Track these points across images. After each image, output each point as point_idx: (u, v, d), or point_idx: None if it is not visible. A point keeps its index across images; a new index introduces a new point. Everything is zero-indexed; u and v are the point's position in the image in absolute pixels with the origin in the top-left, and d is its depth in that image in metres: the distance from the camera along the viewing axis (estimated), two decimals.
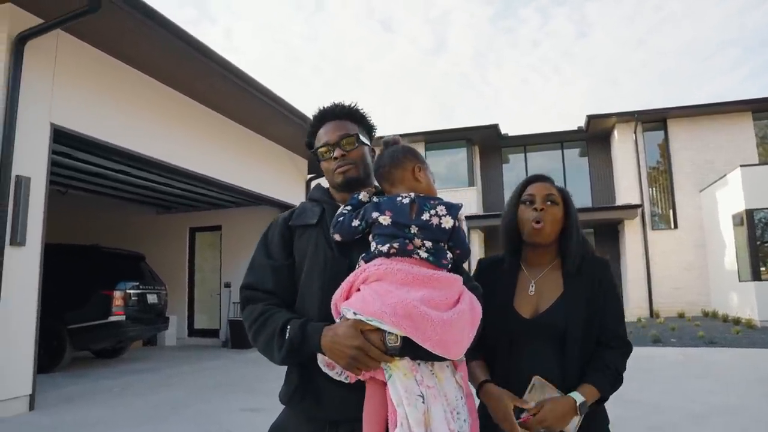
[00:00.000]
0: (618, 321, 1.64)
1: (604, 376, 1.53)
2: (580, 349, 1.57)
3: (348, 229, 1.43)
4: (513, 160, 19.65)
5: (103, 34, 6.07)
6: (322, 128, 1.60)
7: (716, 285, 15.16)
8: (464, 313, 1.31)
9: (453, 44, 61.05)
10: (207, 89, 7.77)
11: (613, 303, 1.64)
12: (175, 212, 12.55)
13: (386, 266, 1.31)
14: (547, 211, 1.64)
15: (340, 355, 1.26)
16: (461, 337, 1.29)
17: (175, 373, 7.87)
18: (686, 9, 50.66)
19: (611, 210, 16.48)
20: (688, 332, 11.44)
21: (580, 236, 1.68)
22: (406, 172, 1.48)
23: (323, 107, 1.63)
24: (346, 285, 1.34)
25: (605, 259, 1.70)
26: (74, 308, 7.90)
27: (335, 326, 1.30)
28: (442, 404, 1.27)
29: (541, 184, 1.71)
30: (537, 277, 1.69)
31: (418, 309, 1.23)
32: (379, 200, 1.44)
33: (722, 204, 14.42)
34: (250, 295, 1.51)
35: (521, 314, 1.64)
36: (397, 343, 1.23)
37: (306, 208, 1.59)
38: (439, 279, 1.33)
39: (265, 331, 1.41)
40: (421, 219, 1.37)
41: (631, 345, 1.63)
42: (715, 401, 5.44)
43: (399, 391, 1.23)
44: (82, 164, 7.84)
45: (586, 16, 51.72)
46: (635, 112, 16.43)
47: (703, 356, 8.53)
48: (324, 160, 1.59)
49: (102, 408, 5.63)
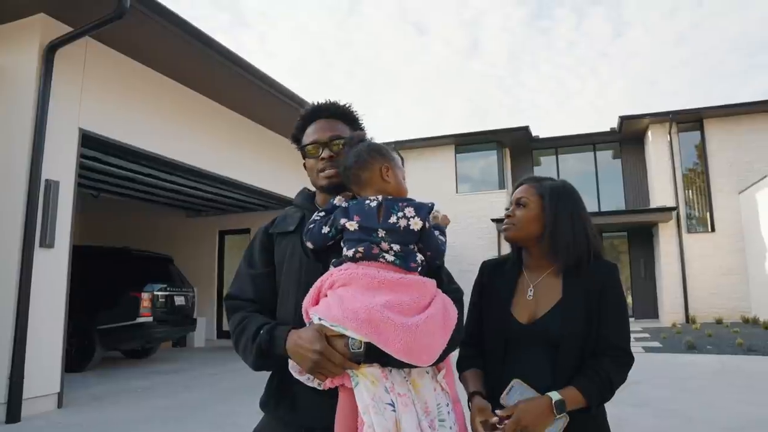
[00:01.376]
0: (617, 331, 1.54)
1: (591, 382, 1.44)
2: (575, 358, 1.49)
3: (318, 236, 1.42)
4: (544, 162, 19.32)
5: (129, 40, 6.20)
6: (313, 124, 1.57)
7: (757, 290, 14.58)
8: (434, 317, 1.26)
9: (487, 46, 60.63)
10: (234, 94, 7.88)
11: (614, 311, 1.54)
12: (204, 215, 12.75)
13: (351, 271, 1.30)
14: (514, 216, 1.65)
15: (303, 359, 1.25)
16: (430, 342, 1.24)
17: (200, 374, 7.97)
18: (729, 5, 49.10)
19: (645, 213, 16.05)
20: (725, 339, 11.01)
21: (572, 233, 1.58)
22: (373, 173, 1.42)
23: (318, 103, 1.59)
24: (314, 290, 1.33)
25: (612, 264, 1.61)
26: (103, 309, 8.09)
27: (300, 330, 1.30)
28: (416, 413, 1.22)
29: (520, 188, 1.70)
30: (536, 281, 1.63)
31: (381, 314, 1.19)
32: (348, 205, 1.41)
33: (763, 206, 13.87)
34: (233, 305, 1.52)
35: (518, 319, 1.58)
36: (360, 349, 1.21)
37: (287, 215, 1.60)
38: (407, 283, 1.29)
39: (243, 337, 1.42)
40: (388, 222, 1.34)
41: (632, 356, 1.54)
42: (753, 413, 5.20)
43: (365, 398, 1.20)
44: (113, 168, 8.02)
45: (623, 15, 50.62)
46: (670, 112, 15.96)
47: (741, 365, 8.19)
48: (310, 158, 1.56)
49: (126, 408, 5.72)
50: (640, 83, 55.64)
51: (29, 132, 5.31)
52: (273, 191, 9.46)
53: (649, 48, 52.49)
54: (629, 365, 1.53)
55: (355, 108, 1.61)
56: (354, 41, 74.61)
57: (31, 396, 5.17)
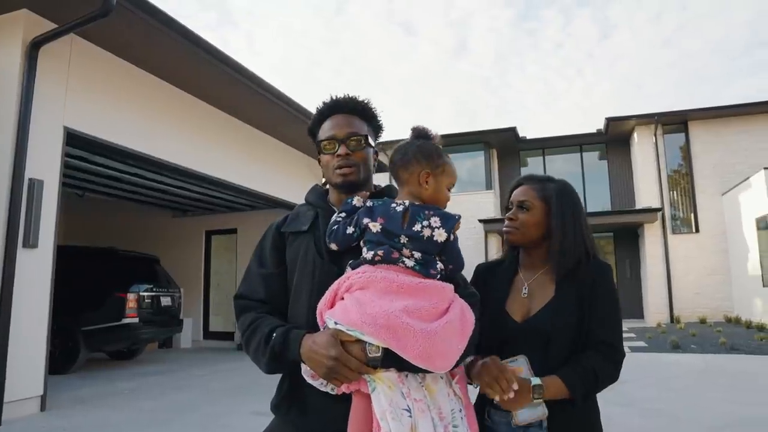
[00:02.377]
0: (607, 327, 1.53)
1: (575, 373, 1.43)
2: (566, 355, 1.49)
3: (343, 237, 1.38)
4: (531, 163, 19.47)
5: (115, 38, 6.12)
6: (330, 119, 1.53)
7: (739, 290, 14.80)
8: (452, 323, 1.24)
9: (474, 46, 60.94)
10: (222, 93, 7.81)
11: (604, 308, 1.53)
12: (190, 215, 12.65)
13: (369, 274, 1.27)
14: (517, 219, 1.63)
15: (318, 364, 1.22)
16: (448, 348, 1.23)
17: (188, 375, 7.90)
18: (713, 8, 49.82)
19: (631, 213, 16.23)
20: (709, 338, 11.16)
21: (574, 238, 1.58)
22: (411, 175, 1.40)
23: (336, 97, 1.54)
24: (330, 293, 1.30)
25: (605, 264, 1.61)
26: (88, 310, 7.98)
27: (315, 335, 1.27)
28: (431, 418, 1.21)
29: (521, 188, 1.68)
30: (531, 279, 1.64)
31: (400, 320, 1.17)
32: (372, 205, 1.38)
33: (745, 207, 14.08)
34: (243, 305, 1.49)
35: (513, 318, 1.59)
36: (378, 354, 1.18)
37: (300, 213, 1.55)
38: (426, 288, 1.27)
39: (255, 339, 1.39)
40: (412, 229, 1.31)
41: (623, 353, 1.53)
42: (737, 412, 5.26)
43: (383, 404, 1.18)
44: (99, 167, 7.92)
45: (610, 17, 51.15)
46: (655, 114, 16.15)
47: (725, 364, 8.29)
48: (324, 154, 1.52)
49: (112, 410, 5.65)
50: (626, 85, 56.27)
51: (12, 130, 5.23)
52: (260, 191, 9.41)
53: (635, 50, 53.12)
54: (618, 362, 1.51)
55: (373, 104, 1.57)
56: (341, 40, 74.61)
57: (13, 399, 5.08)
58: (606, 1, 49.75)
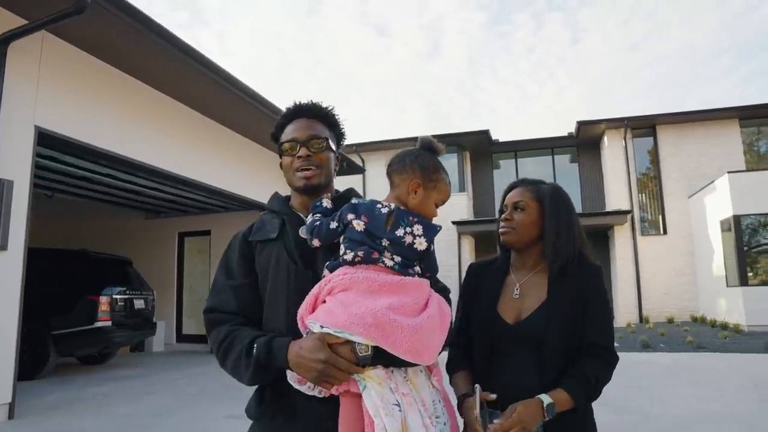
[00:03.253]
0: (601, 330, 1.57)
1: (578, 384, 1.47)
2: (560, 359, 1.51)
3: (327, 232, 1.39)
4: (504, 165, 19.72)
5: (90, 36, 6.00)
6: (292, 123, 1.55)
7: (704, 290, 15.25)
8: (433, 317, 1.29)
9: (447, 49, 61.38)
10: (197, 93, 7.72)
11: (597, 311, 1.57)
12: (164, 217, 12.46)
13: (351, 275, 1.29)
14: (513, 220, 1.65)
15: (308, 369, 1.23)
16: (432, 341, 1.28)
17: (161, 379, 7.78)
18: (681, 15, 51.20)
19: (601, 216, 16.55)
20: (677, 337, 11.48)
21: (567, 238, 1.61)
22: (403, 181, 1.42)
23: (299, 102, 1.57)
24: (311, 298, 1.31)
25: (596, 266, 1.65)
26: (59, 314, 7.79)
27: (301, 341, 1.27)
28: (419, 410, 1.25)
29: (516, 190, 1.70)
30: (523, 279, 1.65)
31: (387, 317, 1.20)
32: (357, 203, 1.40)
33: (710, 210, 14.52)
34: (215, 318, 1.46)
35: (505, 319, 1.60)
36: (368, 353, 1.21)
37: (265, 221, 1.54)
38: (406, 284, 1.31)
39: (233, 352, 1.36)
40: (395, 233, 1.34)
41: (617, 356, 1.58)
42: (704, 407, 5.44)
43: (375, 400, 1.20)
44: (70, 168, 7.75)
45: (581, 22, 52.05)
46: (625, 118, 16.53)
47: (692, 362, 8.55)
48: (286, 156, 1.53)
49: (85, 416, 5.53)
50: (596, 88, 57.40)
51: None
52: (235, 192, 9.33)
53: (605, 54, 54.22)
54: (613, 365, 1.57)
55: (337, 112, 1.59)
56: (314, 42, 74.38)
57: None
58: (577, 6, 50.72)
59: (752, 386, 6.47)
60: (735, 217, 13.11)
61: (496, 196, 19.12)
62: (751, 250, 13.30)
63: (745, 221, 13.21)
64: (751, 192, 13.18)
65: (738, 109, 15.97)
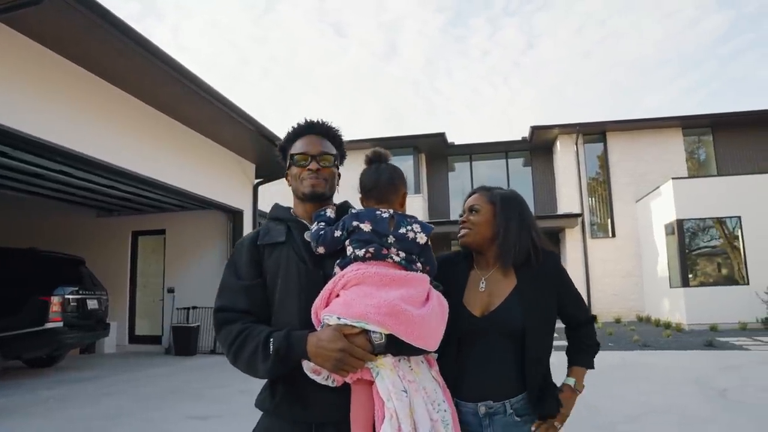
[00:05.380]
0: (580, 306, 1.82)
1: (587, 354, 1.81)
2: (539, 343, 1.65)
3: (331, 240, 1.50)
4: (459, 168, 20.06)
5: (44, 28, 5.83)
6: (303, 138, 1.66)
7: (650, 291, 15.95)
8: (435, 308, 1.43)
9: (405, 50, 61.64)
10: (154, 90, 7.60)
11: (570, 291, 1.79)
12: (117, 215, 12.12)
13: (363, 270, 1.40)
14: (468, 222, 1.79)
15: (326, 358, 1.32)
16: (436, 329, 1.42)
17: (117, 381, 7.59)
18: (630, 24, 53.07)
19: (553, 218, 17.06)
20: (624, 336, 11.98)
21: (518, 233, 1.73)
22: (398, 196, 1.59)
23: (311, 120, 1.69)
24: (325, 293, 1.41)
25: (553, 252, 1.81)
26: (6, 315, 7.47)
27: (318, 332, 1.37)
28: (423, 397, 1.37)
29: (473, 196, 1.85)
30: (487, 274, 1.76)
31: (400, 307, 1.32)
32: (358, 211, 1.53)
33: (656, 214, 15.21)
34: (225, 317, 1.53)
35: (472, 312, 1.69)
36: (382, 341, 1.33)
37: (271, 228, 1.65)
38: (412, 279, 1.44)
39: (247, 348, 1.44)
40: (399, 232, 1.48)
41: (593, 315, 1.85)
42: (651, 401, 5.76)
43: (387, 386, 1.32)
44: (19, 163, 7.46)
45: (535, 27, 53.24)
46: (577, 124, 17.11)
47: (638, 359, 8.96)
48: (296, 166, 1.64)
49: (40, 420, 5.36)
50: (550, 94, 58.94)
51: None
52: (192, 191, 9.21)
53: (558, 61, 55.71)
54: (593, 321, 1.90)
55: (342, 133, 1.73)
56: (270, 39, 73.37)
57: None
58: (532, 12, 51.88)
59: (693, 381, 6.86)
60: (678, 221, 13.79)
61: (450, 198, 19.46)
62: (691, 252, 14.02)
63: (686, 225, 13.91)
64: (693, 197, 13.90)
65: (681, 119, 16.80)
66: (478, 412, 1.62)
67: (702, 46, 49.95)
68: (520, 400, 1.62)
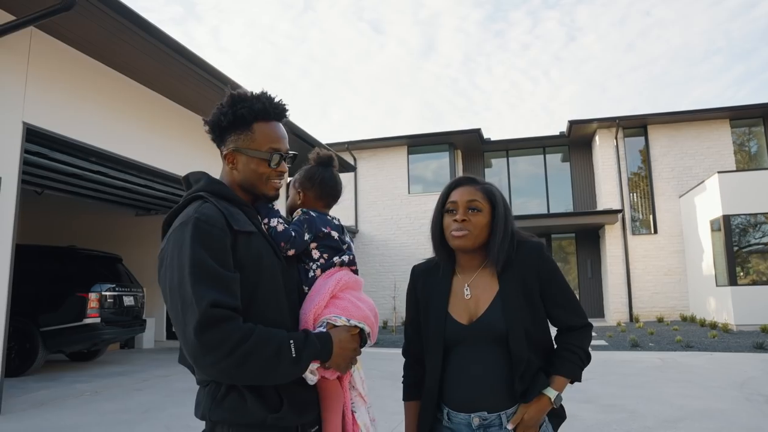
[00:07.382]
0: (569, 304, 1.60)
1: (571, 363, 1.56)
2: (526, 346, 1.51)
3: (302, 244, 1.52)
4: (496, 164, 19.75)
5: (80, 33, 5.98)
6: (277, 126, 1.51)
7: (694, 289, 15.36)
8: None
9: (442, 47, 61.15)
10: (187, 91, 7.71)
11: (558, 288, 1.59)
12: (154, 214, 12.43)
13: (348, 276, 1.53)
14: (470, 221, 1.58)
15: (346, 358, 1.39)
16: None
17: (150, 376, 7.76)
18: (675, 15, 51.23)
19: (592, 215, 16.63)
20: (666, 336, 11.57)
21: (507, 232, 1.59)
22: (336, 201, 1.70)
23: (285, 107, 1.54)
24: (326, 295, 1.45)
25: (537, 243, 1.62)
26: (48, 310, 7.76)
27: (336, 333, 1.39)
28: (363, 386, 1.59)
29: (463, 188, 1.63)
30: (471, 279, 1.63)
31: (376, 310, 1.53)
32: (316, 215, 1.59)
33: (700, 210, 14.62)
34: (224, 315, 1.21)
35: (458, 320, 1.59)
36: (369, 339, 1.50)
37: (232, 211, 1.37)
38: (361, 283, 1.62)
39: (264, 351, 1.23)
40: (347, 239, 1.63)
41: (589, 322, 1.63)
42: (690, 405, 5.49)
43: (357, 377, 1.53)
44: (59, 165, 7.70)
45: (576, 20, 51.91)
46: (616, 117, 16.60)
47: (680, 360, 8.62)
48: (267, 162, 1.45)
49: (73, 413, 5.52)
50: (590, 87, 57.53)
51: None
52: None
53: (600, 54, 54.30)
54: (590, 328, 1.62)
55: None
56: (308, 38, 74.15)
57: None
58: (573, 4, 50.61)
59: (738, 385, 6.53)
60: (725, 217, 13.21)
61: None
62: (740, 249, 13.40)
63: (734, 221, 13.31)
64: (741, 192, 13.28)
65: (729, 110, 16.07)
66: (471, 423, 1.52)
67: (752, 34, 47.83)
68: (515, 412, 1.52)
